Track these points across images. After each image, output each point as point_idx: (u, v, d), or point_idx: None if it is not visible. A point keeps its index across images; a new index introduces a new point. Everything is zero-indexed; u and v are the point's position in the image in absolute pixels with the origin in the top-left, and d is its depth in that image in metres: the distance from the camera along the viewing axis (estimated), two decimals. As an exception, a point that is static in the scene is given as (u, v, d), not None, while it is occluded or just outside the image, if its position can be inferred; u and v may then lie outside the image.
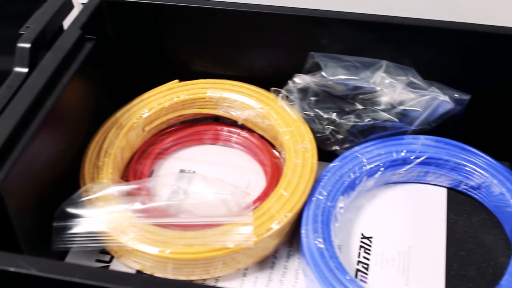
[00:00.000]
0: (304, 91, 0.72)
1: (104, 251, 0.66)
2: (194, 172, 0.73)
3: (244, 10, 0.73)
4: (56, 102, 0.63)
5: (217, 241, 0.60)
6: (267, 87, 0.75)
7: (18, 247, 0.59)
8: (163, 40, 0.77)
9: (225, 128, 0.76)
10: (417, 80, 0.71)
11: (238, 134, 0.75)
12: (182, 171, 0.73)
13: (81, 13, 0.72)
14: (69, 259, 0.65)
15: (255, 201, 0.66)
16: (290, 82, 0.72)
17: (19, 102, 0.61)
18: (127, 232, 0.61)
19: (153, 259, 0.60)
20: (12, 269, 0.47)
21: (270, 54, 0.75)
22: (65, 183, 0.66)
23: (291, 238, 0.66)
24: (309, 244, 0.61)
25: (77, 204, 0.62)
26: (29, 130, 0.60)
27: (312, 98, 0.72)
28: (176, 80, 0.75)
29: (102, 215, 0.62)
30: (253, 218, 0.61)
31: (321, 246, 0.61)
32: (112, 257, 0.65)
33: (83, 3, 0.86)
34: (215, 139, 0.76)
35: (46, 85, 0.63)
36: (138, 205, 0.62)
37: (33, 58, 0.68)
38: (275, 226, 0.62)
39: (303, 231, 0.62)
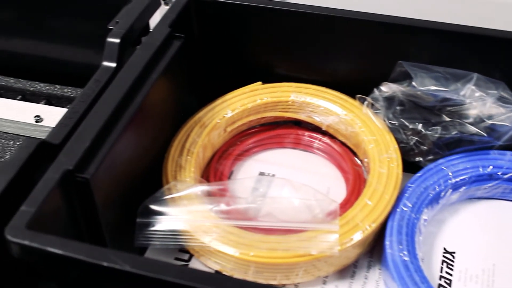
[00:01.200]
0: (390, 100, 0.71)
1: (182, 250, 0.65)
2: (273, 175, 0.72)
3: (332, 15, 0.72)
4: (144, 99, 0.63)
5: (301, 247, 0.59)
6: (350, 94, 0.74)
7: (103, 241, 0.60)
8: (248, 41, 0.76)
9: (306, 133, 0.75)
10: (508, 95, 0.69)
11: (320, 140, 0.74)
12: (261, 173, 0.72)
13: (169, 10, 0.72)
14: (148, 255, 0.65)
15: (337, 209, 0.65)
16: (376, 90, 0.71)
17: (109, 97, 0.61)
18: (210, 233, 0.60)
19: (234, 261, 0.60)
20: (105, 264, 0.47)
21: (355, 60, 0.74)
22: (147, 180, 0.66)
23: (372, 248, 0.65)
24: (393, 256, 0.60)
25: (160, 201, 0.62)
26: (118, 126, 0.60)
27: (398, 108, 0.70)
28: (259, 82, 0.75)
29: (185, 214, 0.62)
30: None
31: (406, 258, 0.60)
32: (191, 256, 0.65)
33: (165, 1, 0.87)
34: (296, 143, 0.75)
35: (135, 82, 0.63)
36: (222, 206, 0.62)
37: (121, 53, 0.68)
38: (359, 236, 0.61)
39: (387, 242, 0.61)
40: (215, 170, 0.71)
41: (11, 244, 0.49)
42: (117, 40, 0.68)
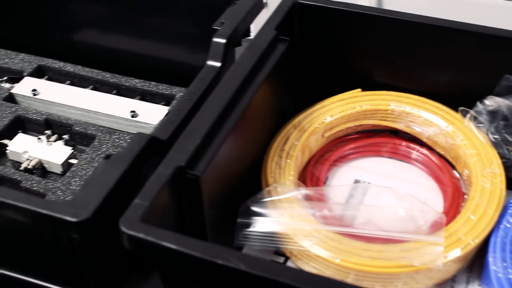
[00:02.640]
0: (493, 114, 0.69)
1: (278, 252, 0.65)
2: (368, 183, 0.71)
3: (437, 25, 0.71)
4: (250, 100, 0.63)
5: (403, 257, 0.58)
6: (451, 106, 0.73)
7: (205, 238, 0.60)
8: (348, 47, 0.76)
9: (404, 143, 0.74)
10: None
11: (417, 151, 0.73)
12: (356, 181, 0.72)
13: (275, 13, 0.72)
14: (243, 256, 0.65)
15: (437, 222, 0.64)
16: (479, 103, 0.70)
17: (218, 97, 0.62)
18: (310, 237, 0.60)
19: (334, 267, 0.60)
20: (220, 261, 0.47)
21: (458, 72, 0.73)
22: (246, 180, 0.67)
23: (471, 264, 0.64)
24: (497, 273, 0.59)
25: (261, 202, 0.63)
26: (226, 125, 0.60)
27: (502, 122, 0.69)
28: (359, 89, 0.75)
29: (286, 217, 0.62)
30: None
31: (511, 277, 0.58)
32: (286, 259, 0.65)
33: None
34: (393, 153, 0.74)
35: (242, 83, 0.64)
36: (323, 211, 0.62)
37: (226, 54, 0.69)
38: (461, 250, 0.59)
39: (490, 259, 0.60)
40: (311, 174, 0.71)
41: (125, 236, 0.50)
42: (223, 41, 0.69)
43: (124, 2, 0.88)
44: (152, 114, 0.82)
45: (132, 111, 0.82)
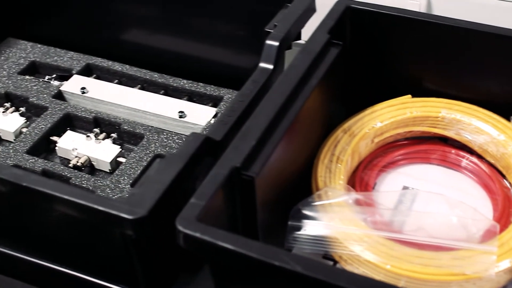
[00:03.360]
0: (546, 124, 0.69)
1: (326, 256, 0.65)
2: (417, 190, 0.71)
3: (488, 32, 0.71)
4: (303, 104, 0.63)
5: (455, 265, 0.58)
6: (502, 114, 0.72)
7: (256, 239, 0.60)
8: (399, 53, 0.76)
9: (453, 151, 0.74)
10: None
11: (467, 159, 0.73)
12: (405, 187, 0.72)
13: (327, 17, 0.72)
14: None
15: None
16: (532, 112, 0.69)
17: (272, 99, 0.62)
18: (361, 242, 0.60)
19: (384, 273, 0.59)
20: (276, 263, 0.47)
21: (510, 80, 0.72)
22: (296, 183, 0.67)
23: (522, 275, 0.63)
24: (551, 285, 0.58)
25: (312, 206, 0.63)
26: (280, 128, 0.61)
27: (555, 132, 0.68)
28: (409, 96, 0.74)
29: (337, 221, 0.61)
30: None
31: None
32: (334, 264, 0.65)
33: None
34: (442, 160, 0.74)
35: (296, 86, 0.64)
36: (374, 217, 0.61)
37: (278, 56, 0.69)
38: (514, 260, 0.59)
39: (543, 270, 0.59)
40: (361, 179, 0.71)
41: (181, 235, 0.50)
42: (276, 43, 0.69)
43: (172, 3, 0.89)
44: (200, 115, 0.82)
45: (180, 112, 0.82)
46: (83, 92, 0.87)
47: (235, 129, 0.63)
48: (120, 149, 0.79)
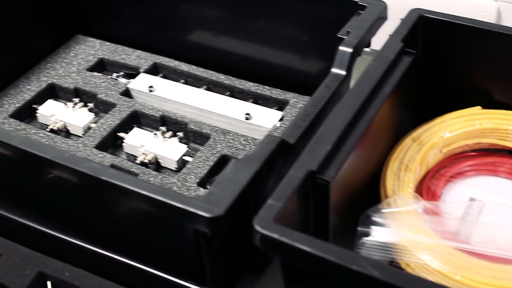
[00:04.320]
0: None
1: (392, 263, 0.65)
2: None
3: None
4: (377, 111, 0.64)
5: (526, 280, 0.57)
6: None
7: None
8: (470, 64, 0.76)
9: (523, 165, 0.73)
10: None
11: (536, 173, 0.72)
12: (472, 199, 0.71)
13: (401, 25, 0.72)
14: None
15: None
16: None
17: (347, 105, 0.62)
18: (430, 251, 0.60)
19: (453, 284, 0.59)
20: (354, 267, 0.48)
21: None
22: (366, 190, 0.67)
23: None
24: None
25: (381, 213, 0.63)
26: (354, 134, 0.61)
27: None
28: (479, 107, 0.74)
29: (405, 229, 0.61)
30: None
31: None
32: (401, 272, 0.64)
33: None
34: (510, 173, 0.73)
35: (370, 93, 0.64)
36: (444, 227, 0.61)
37: (351, 62, 0.69)
38: None
39: None
40: (428, 188, 0.71)
41: (258, 235, 0.51)
42: (350, 50, 0.70)
43: (237, 6, 0.90)
44: (266, 118, 0.83)
45: (246, 114, 0.83)
46: (151, 91, 0.88)
47: (308, 133, 0.64)
48: (187, 148, 0.81)
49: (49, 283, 0.68)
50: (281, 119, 0.83)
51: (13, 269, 0.69)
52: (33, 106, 0.89)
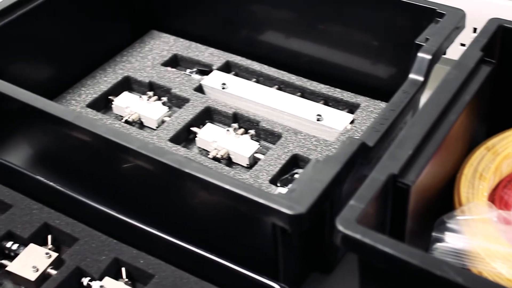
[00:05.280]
0: None
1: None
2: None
3: None
4: (456, 119, 0.64)
5: None
6: None
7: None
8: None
9: None
10: None
11: None
12: (544, 210, 0.71)
13: (480, 35, 0.72)
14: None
15: None
16: None
17: (427, 111, 0.63)
18: (505, 261, 0.60)
19: (527, 294, 0.59)
20: (438, 273, 0.48)
21: None
22: (440, 196, 0.68)
23: None
24: None
25: (456, 220, 0.63)
26: (434, 140, 0.62)
27: None
28: (555, 119, 0.74)
29: (480, 237, 0.62)
30: None
31: None
32: (471, 279, 0.65)
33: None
34: None
35: (450, 101, 0.65)
36: (520, 237, 0.62)
37: (429, 69, 0.70)
38: None
39: None
40: (500, 198, 0.71)
41: (339, 235, 0.52)
42: (429, 57, 0.70)
43: (309, 8, 0.91)
44: (337, 120, 0.84)
45: (318, 115, 0.84)
46: (223, 88, 0.90)
47: (386, 136, 0.65)
48: (259, 146, 0.82)
49: (123, 270, 0.70)
50: (351, 122, 0.84)
51: (90, 254, 0.71)
52: (109, 97, 0.92)
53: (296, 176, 0.78)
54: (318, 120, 0.84)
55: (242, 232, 0.65)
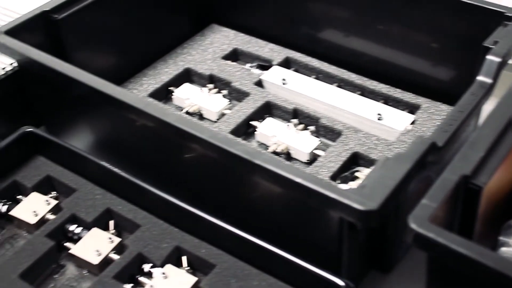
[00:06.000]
0: None
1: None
2: None
3: None
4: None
5: None
6: None
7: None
8: None
9: None
10: None
11: None
12: None
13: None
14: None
15: None
16: None
17: (499, 114, 0.63)
18: None
19: None
20: (512, 274, 0.48)
21: None
22: (506, 200, 0.67)
23: None
24: None
25: (523, 225, 0.63)
26: (505, 143, 0.61)
27: None
28: None
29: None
30: None
31: None
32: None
33: None
34: None
35: (521, 104, 0.64)
36: None
37: (498, 72, 0.69)
38: None
39: None
40: None
41: (412, 233, 0.52)
42: (498, 59, 0.70)
43: (369, 8, 0.91)
44: (397, 120, 0.84)
45: (378, 114, 0.84)
46: (283, 83, 0.91)
47: (454, 137, 0.65)
48: (320, 142, 0.82)
49: (184, 258, 0.71)
50: (412, 123, 0.84)
51: (152, 241, 0.72)
52: (169, 88, 0.93)
53: (357, 174, 0.78)
54: (378, 119, 0.84)
55: (307, 226, 0.66)
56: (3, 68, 0.88)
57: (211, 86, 0.93)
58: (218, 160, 0.65)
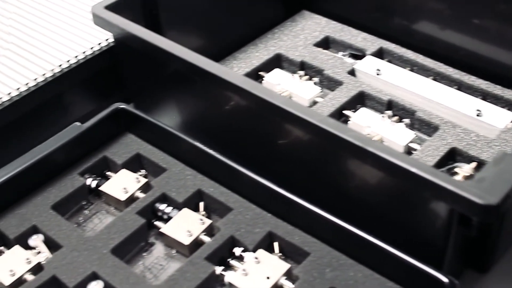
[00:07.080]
0: None
1: None
2: None
3: None
4: None
5: None
6: None
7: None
8: None
9: None
10: None
11: None
12: None
13: None
14: None
15: None
16: None
17: None
18: None
19: None
20: None
21: None
22: None
23: None
24: None
25: None
26: None
27: None
28: None
29: None
30: None
31: None
32: None
33: None
34: None
35: None
36: None
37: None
38: None
39: None
40: None
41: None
42: None
43: (465, 2, 0.88)
44: (497, 117, 0.81)
45: (477, 110, 0.81)
46: (378, 74, 0.88)
47: None
48: (415, 135, 0.80)
49: (276, 244, 0.69)
50: (514, 121, 0.81)
51: (244, 225, 0.71)
52: (259, 73, 0.92)
53: (456, 170, 0.75)
54: (477, 115, 0.81)
55: (411, 217, 0.63)
56: (99, 44, 0.87)
57: (301, 73, 0.91)
58: (319, 146, 0.63)
